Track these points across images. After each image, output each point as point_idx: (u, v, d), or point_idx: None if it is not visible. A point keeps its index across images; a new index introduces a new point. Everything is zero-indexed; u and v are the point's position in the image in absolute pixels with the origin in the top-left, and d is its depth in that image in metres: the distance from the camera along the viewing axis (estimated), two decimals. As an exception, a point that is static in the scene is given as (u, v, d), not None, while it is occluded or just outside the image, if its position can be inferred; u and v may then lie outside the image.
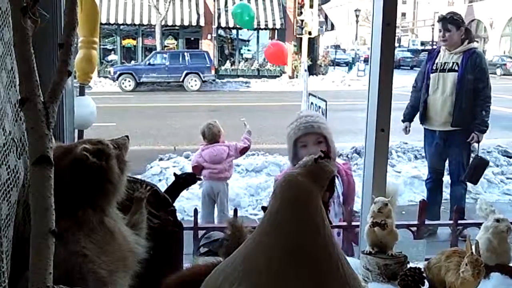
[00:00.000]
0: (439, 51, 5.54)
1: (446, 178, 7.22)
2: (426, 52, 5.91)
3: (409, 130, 5.83)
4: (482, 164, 5.63)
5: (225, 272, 1.28)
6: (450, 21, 5.43)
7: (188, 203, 6.58)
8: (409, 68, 38.45)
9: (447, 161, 5.88)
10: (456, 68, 5.35)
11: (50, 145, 1.20)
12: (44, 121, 1.18)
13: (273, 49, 11.17)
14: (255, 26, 29.45)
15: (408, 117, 5.78)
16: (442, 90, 5.41)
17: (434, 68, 5.45)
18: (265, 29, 30.19)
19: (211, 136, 6.02)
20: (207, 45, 29.53)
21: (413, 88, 5.79)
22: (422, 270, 1.84)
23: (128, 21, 28.78)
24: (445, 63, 5.41)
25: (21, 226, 1.38)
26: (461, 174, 5.67)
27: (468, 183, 5.92)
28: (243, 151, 6.16)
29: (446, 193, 6.10)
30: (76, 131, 3.05)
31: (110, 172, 1.46)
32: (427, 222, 2.52)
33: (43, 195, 1.15)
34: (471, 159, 5.62)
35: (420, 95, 5.57)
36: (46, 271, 1.09)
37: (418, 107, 5.60)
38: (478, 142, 5.50)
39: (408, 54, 41.66)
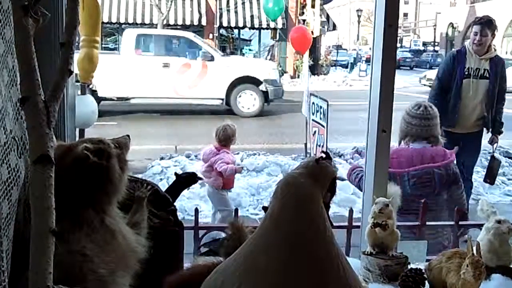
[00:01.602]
0: (465, 53, 5.38)
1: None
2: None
3: None
4: (497, 164, 5.91)
5: (225, 272, 1.28)
6: (489, 26, 5.31)
7: (189, 202, 6.58)
8: (409, 68, 38.45)
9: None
10: (487, 75, 5.34)
11: (50, 144, 1.19)
12: (45, 120, 1.18)
13: (297, 34, 10.98)
14: (256, 26, 29.48)
15: None
16: (473, 96, 5.38)
17: (466, 73, 5.35)
18: (267, 28, 30.16)
19: (224, 137, 5.83)
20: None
21: (438, 90, 5.50)
22: (423, 271, 1.84)
23: (130, 20, 28.77)
24: (477, 69, 5.34)
25: (22, 225, 1.38)
26: (470, 175, 5.71)
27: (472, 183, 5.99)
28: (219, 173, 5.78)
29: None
30: (77, 130, 3.05)
31: (111, 171, 1.46)
32: (428, 223, 2.51)
33: (43, 194, 1.15)
34: (479, 159, 5.71)
35: (449, 98, 5.39)
36: (46, 271, 1.09)
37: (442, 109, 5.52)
38: (496, 142, 5.74)
39: (408, 55, 41.64)
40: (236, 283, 1.22)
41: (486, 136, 5.79)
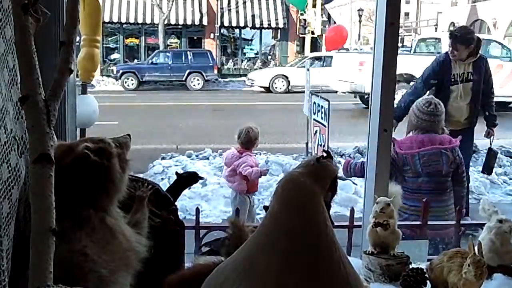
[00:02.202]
0: (450, 61, 5.56)
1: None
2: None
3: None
4: (494, 155, 6.16)
5: (226, 272, 1.28)
6: (460, 40, 5.47)
7: (190, 202, 6.58)
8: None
9: None
10: (471, 77, 5.56)
11: (50, 143, 1.19)
12: (45, 119, 1.18)
13: (333, 34, 10.75)
14: (258, 26, 29.49)
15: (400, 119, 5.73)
16: (462, 99, 5.58)
17: (453, 80, 5.56)
18: (268, 28, 30.18)
19: (246, 140, 5.59)
20: (210, 44, 29.53)
21: (420, 92, 5.57)
22: (425, 270, 1.83)
23: (131, 20, 28.81)
24: (462, 73, 5.56)
25: (23, 224, 1.38)
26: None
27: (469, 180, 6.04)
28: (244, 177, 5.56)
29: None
30: (78, 129, 3.05)
31: (111, 170, 1.45)
32: (429, 222, 2.51)
33: (43, 194, 1.15)
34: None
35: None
36: (46, 270, 1.09)
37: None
38: (493, 135, 5.91)
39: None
40: (237, 282, 1.22)
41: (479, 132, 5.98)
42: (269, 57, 30.82)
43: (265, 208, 1.40)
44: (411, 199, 3.40)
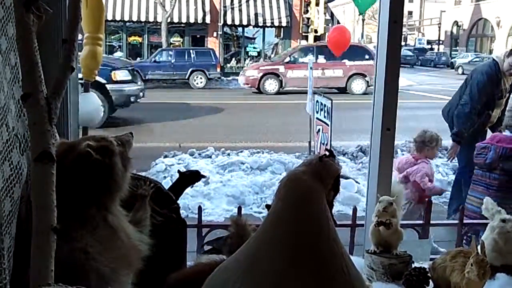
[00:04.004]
0: (498, 72, 5.60)
1: (452, 178, 7.22)
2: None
3: None
4: None
5: (228, 271, 1.28)
6: None
7: (192, 200, 6.57)
8: (409, 66, 38.39)
9: None
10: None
11: (52, 141, 1.19)
12: (47, 117, 1.18)
13: (336, 34, 10.41)
14: (260, 24, 29.45)
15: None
16: (499, 109, 5.70)
17: (500, 94, 5.66)
18: (271, 26, 30.15)
19: (420, 140, 5.02)
20: (213, 43, 29.53)
21: (472, 111, 5.55)
22: (427, 270, 1.82)
23: (134, 18, 28.83)
24: (506, 88, 5.70)
25: (25, 222, 1.38)
26: None
27: None
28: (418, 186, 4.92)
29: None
30: (81, 128, 3.04)
31: (113, 169, 1.45)
32: (432, 221, 2.50)
33: (44, 192, 1.14)
34: None
35: (482, 112, 5.62)
36: (47, 268, 1.09)
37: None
38: None
39: (409, 53, 41.52)
40: (239, 281, 1.21)
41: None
42: (272, 55, 30.80)
43: (267, 206, 1.39)
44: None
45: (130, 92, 13.41)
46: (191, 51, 25.88)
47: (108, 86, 12.32)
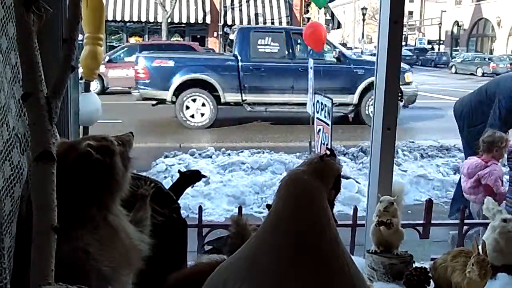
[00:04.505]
0: None
1: (453, 177, 7.23)
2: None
3: None
4: None
5: (228, 271, 1.27)
6: None
7: (193, 200, 6.56)
8: (409, 66, 38.44)
9: None
10: None
11: (52, 141, 1.19)
12: (47, 116, 1.18)
13: (311, 30, 10.41)
14: (262, 24, 29.42)
15: None
16: None
17: None
18: (271, 26, 30.15)
19: (488, 140, 4.80)
20: (213, 43, 29.54)
21: (502, 129, 5.34)
22: (428, 270, 1.82)
23: (135, 19, 28.85)
24: None
25: (25, 222, 1.38)
26: None
27: None
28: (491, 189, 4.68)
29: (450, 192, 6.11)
30: (81, 127, 3.04)
31: (114, 168, 1.45)
32: (433, 221, 2.50)
33: (45, 191, 1.14)
34: None
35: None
36: (48, 268, 1.08)
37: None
38: None
39: (408, 53, 41.54)
40: (239, 281, 1.21)
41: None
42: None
43: (268, 206, 1.39)
44: None
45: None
46: (191, 51, 25.87)
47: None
